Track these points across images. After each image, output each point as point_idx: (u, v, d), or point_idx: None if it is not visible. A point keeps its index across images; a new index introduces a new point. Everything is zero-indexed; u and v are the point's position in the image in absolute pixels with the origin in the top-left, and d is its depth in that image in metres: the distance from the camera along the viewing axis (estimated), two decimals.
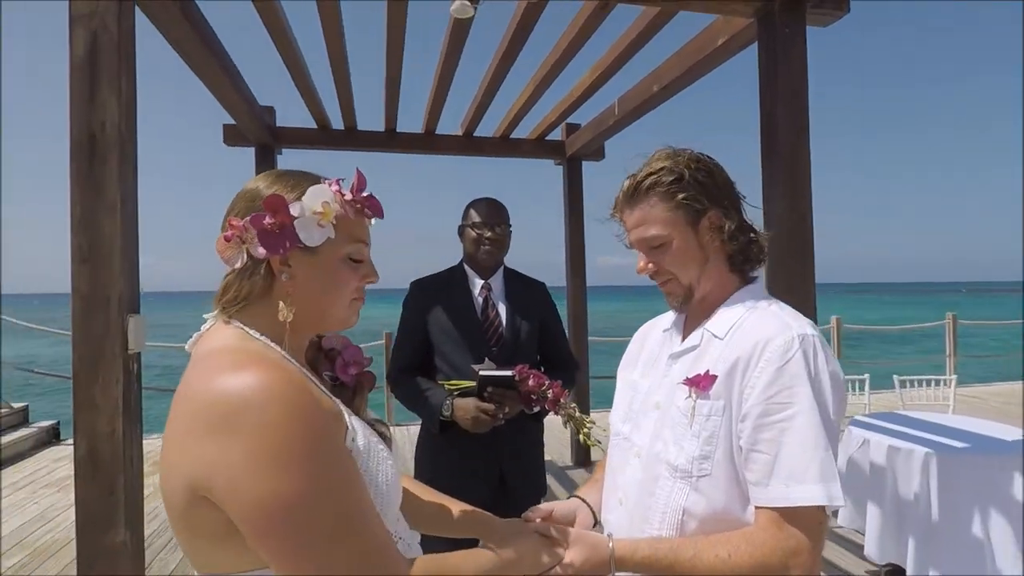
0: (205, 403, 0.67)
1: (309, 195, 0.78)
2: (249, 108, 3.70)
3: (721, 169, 1.00)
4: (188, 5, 2.32)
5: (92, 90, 1.65)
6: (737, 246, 0.98)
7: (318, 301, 0.81)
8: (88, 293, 1.64)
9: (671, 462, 0.92)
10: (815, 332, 0.90)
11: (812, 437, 0.82)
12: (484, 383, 1.61)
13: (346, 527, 0.68)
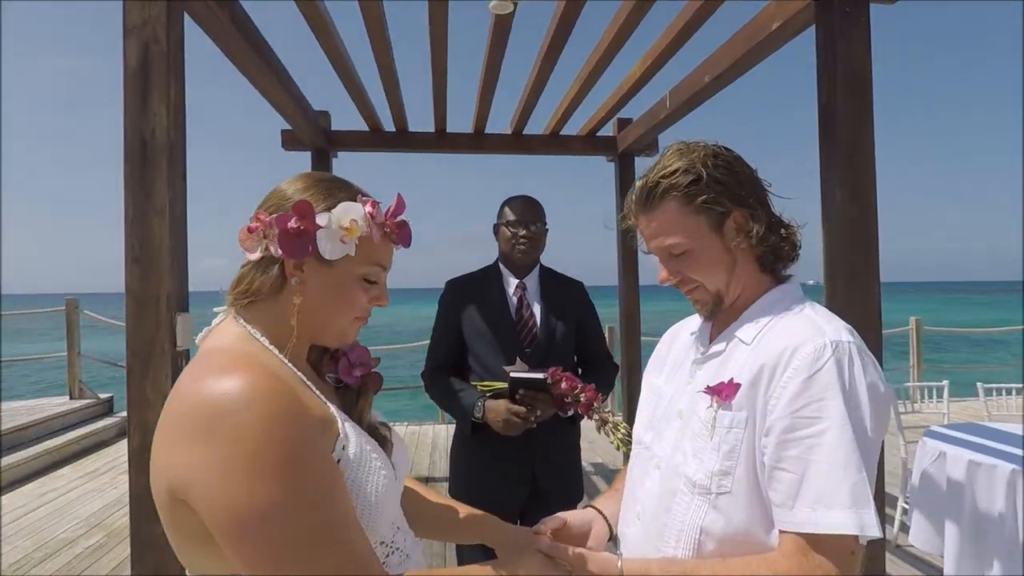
0: (189, 406, 0.68)
1: (339, 209, 0.78)
2: (303, 113, 3.81)
3: (742, 162, 0.91)
4: (237, 14, 2.41)
5: (144, 98, 1.73)
6: (767, 247, 0.90)
7: (321, 313, 0.80)
8: (139, 292, 1.72)
9: (690, 476, 0.85)
10: (852, 339, 0.81)
11: (843, 456, 0.73)
12: (515, 385, 1.58)
13: (323, 539, 0.66)
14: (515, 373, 1.58)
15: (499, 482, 1.72)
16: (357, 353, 0.92)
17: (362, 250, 0.80)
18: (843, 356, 0.78)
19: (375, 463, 0.78)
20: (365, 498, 0.75)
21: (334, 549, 0.66)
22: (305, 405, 0.72)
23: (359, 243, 0.80)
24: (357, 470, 0.75)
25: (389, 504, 0.80)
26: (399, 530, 0.86)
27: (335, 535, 0.67)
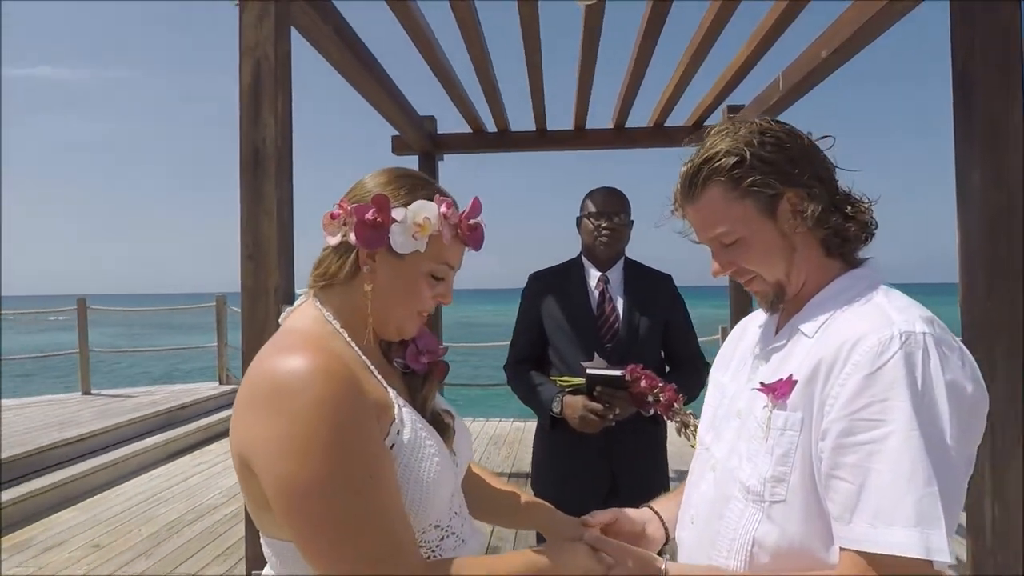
0: (259, 381, 0.73)
1: (415, 206, 0.81)
2: (409, 120, 4.01)
3: (796, 136, 0.81)
4: (342, 29, 2.58)
5: (256, 112, 1.91)
6: (830, 229, 0.80)
7: (386, 302, 0.83)
8: (252, 286, 1.91)
9: (744, 481, 0.78)
10: (930, 329, 0.69)
11: (908, 466, 0.63)
12: (592, 382, 1.55)
13: (361, 523, 0.68)
14: (591, 369, 1.55)
15: (577, 478, 1.69)
16: (425, 340, 0.95)
17: (432, 247, 0.83)
18: (915, 349, 0.68)
19: (429, 449, 0.80)
20: (417, 482, 0.77)
21: (370, 534, 0.69)
22: (362, 390, 0.75)
23: (430, 241, 0.82)
24: (410, 455, 0.77)
25: (443, 489, 0.81)
26: (456, 515, 0.87)
27: (373, 520, 0.69)
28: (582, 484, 1.68)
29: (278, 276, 1.90)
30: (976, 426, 0.69)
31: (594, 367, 1.56)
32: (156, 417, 5.60)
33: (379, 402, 0.77)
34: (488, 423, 6.25)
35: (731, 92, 3.77)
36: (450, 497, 0.85)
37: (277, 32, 1.92)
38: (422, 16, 2.71)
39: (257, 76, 1.91)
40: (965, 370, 0.69)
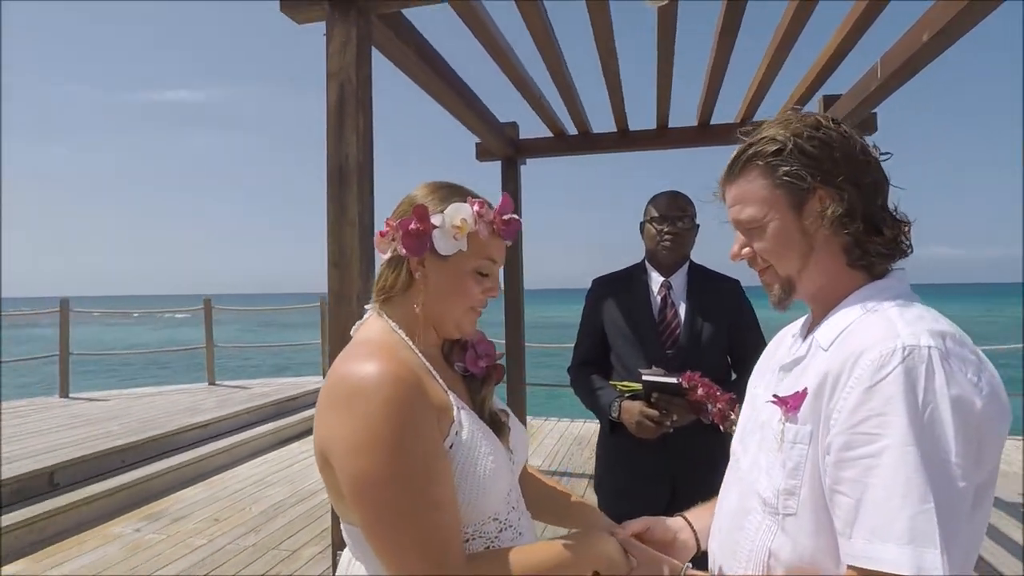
0: (337, 383, 0.82)
1: (450, 210, 0.89)
2: (490, 127, 4.14)
3: (848, 139, 0.79)
4: (423, 48, 2.73)
5: (340, 130, 2.09)
6: (850, 236, 0.78)
7: (440, 303, 0.91)
8: (338, 291, 2.08)
9: (761, 494, 0.78)
10: (937, 343, 0.67)
11: (903, 482, 0.61)
12: (649, 388, 1.55)
13: (413, 514, 0.75)
14: (647, 376, 1.55)
15: (637, 482, 1.70)
16: (484, 346, 1.02)
17: (473, 245, 0.90)
18: (918, 363, 0.65)
19: (484, 448, 0.86)
20: (475, 478, 0.83)
21: (422, 525, 0.76)
22: (426, 394, 0.82)
23: (470, 239, 0.89)
24: (468, 453, 0.84)
25: (498, 484, 0.87)
26: (514, 510, 0.93)
27: (425, 513, 0.76)
28: (642, 488, 1.69)
29: (360, 282, 2.06)
30: (990, 442, 0.65)
31: (650, 374, 1.56)
32: (268, 407, 6.15)
33: (440, 405, 0.85)
34: (573, 424, 6.27)
35: (824, 82, 3.55)
36: (507, 492, 0.91)
37: (359, 57, 2.08)
38: (496, 28, 2.80)
39: (341, 98, 2.08)
40: (978, 386, 0.66)
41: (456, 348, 1.02)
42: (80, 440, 4.52)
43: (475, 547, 0.87)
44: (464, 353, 1.00)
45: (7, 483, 3.62)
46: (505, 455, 0.91)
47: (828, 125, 0.80)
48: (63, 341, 6.80)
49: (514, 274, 4.85)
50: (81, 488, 3.88)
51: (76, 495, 3.76)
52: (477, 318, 0.97)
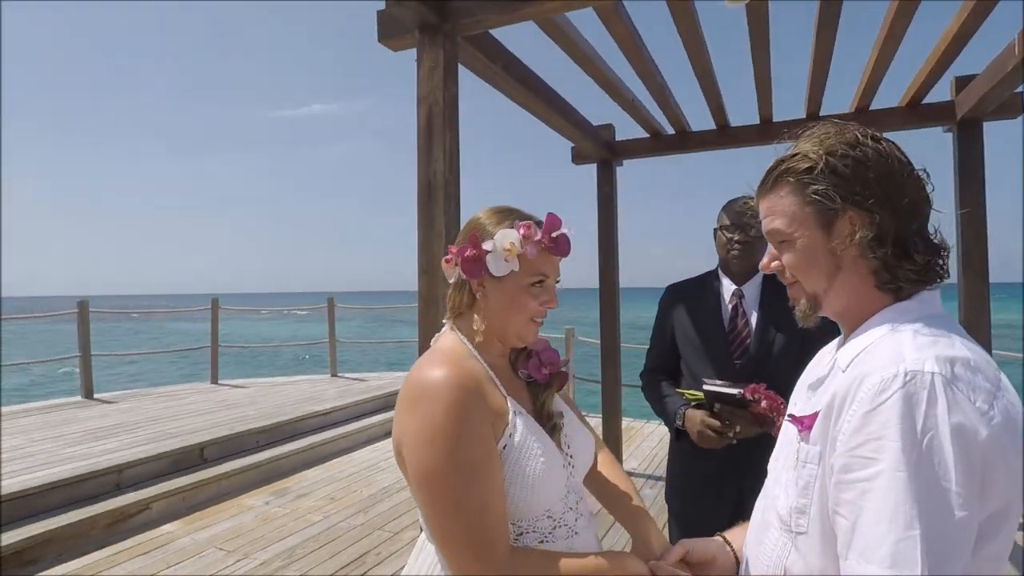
0: (411, 385, 0.93)
1: (499, 236, 0.99)
2: (583, 132, 4.18)
3: (886, 158, 0.77)
4: (510, 63, 2.85)
5: (430, 149, 2.26)
6: (877, 261, 0.76)
7: (500, 317, 1.01)
8: (427, 296, 2.26)
9: (778, 510, 0.79)
10: (942, 369, 0.65)
11: (891, 507, 0.61)
12: (711, 399, 1.54)
13: (464, 507, 0.85)
14: (708, 386, 1.54)
15: (701, 490, 1.68)
16: (548, 355, 1.11)
17: (524, 264, 0.99)
18: (918, 389, 0.64)
19: (535, 450, 0.94)
20: (524, 478, 0.92)
21: (469, 518, 0.86)
22: (484, 399, 0.92)
23: (521, 260, 0.99)
24: (519, 455, 0.93)
25: (549, 484, 0.94)
26: (571, 510, 1.00)
27: (473, 508, 0.86)
28: (707, 497, 1.67)
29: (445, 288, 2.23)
30: (999, 473, 0.63)
31: (713, 383, 1.55)
32: (381, 398, 6.64)
33: (497, 410, 0.94)
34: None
35: (952, 62, 3.20)
36: (563, 494, 0.99)
37: (445, 79, 2.24)
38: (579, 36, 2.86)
39: (429, 119, 2.26)
40: (987, 414, 0.63)
41: (522, 356, 1.11)
42: (224, 421, 5.18)
43: (528, 541, 0.95)
44: (528, 361, 1.09)
45: (168, 455, 4.27)
46: (559, 457, 0.99)
47: (865, 143, 0.79)
48: (213, 334, 7.80)
49: (609, 275, 4.85)
50: (224, 463, 4.47)
51: (220, 469, 4.34)
52: (538, 328, 1.05)
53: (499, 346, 1.05)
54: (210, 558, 3.20)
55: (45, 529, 3.30)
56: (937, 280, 0.79)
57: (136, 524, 3.65)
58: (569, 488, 1.02)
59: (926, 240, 0.78)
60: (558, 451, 1.00)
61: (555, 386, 1.09)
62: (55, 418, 5.44)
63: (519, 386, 1.06)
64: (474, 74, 2.76)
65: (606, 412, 4.83)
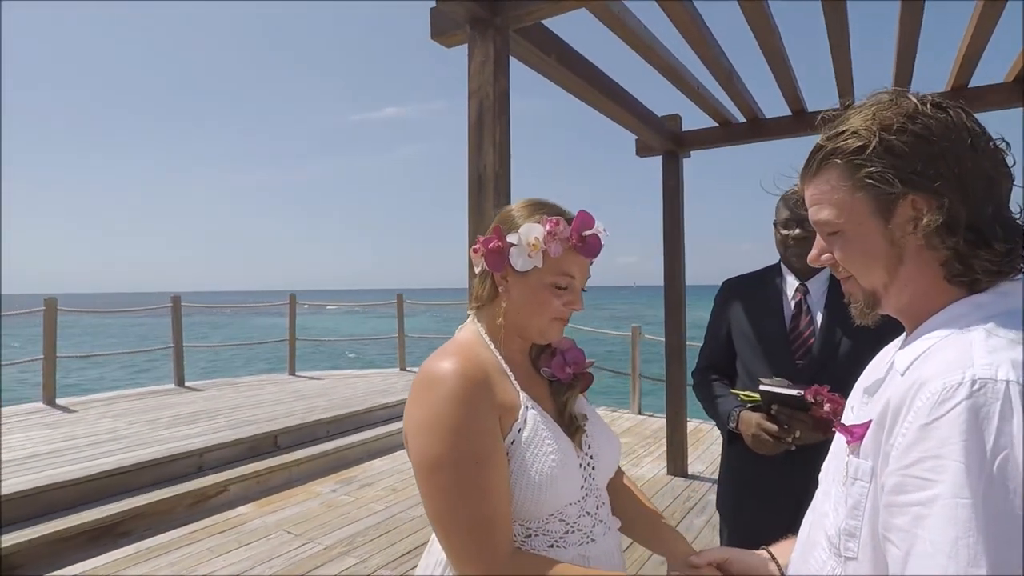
0: (420, 376, 0.92)
1: (523, 230, 0.96)
2: (646, 123, 4.05)
3: (955, 129, 0.66)
4: (564, 54, 2.79)
5: (480, 143, 2.25)
6: (948, 250, 0.66)
7: (522, 313, 0.98)
8: None
9: (826, 529, 0.71)
10: (1019, 376, 0.54)
11: (950, 540, 0.52)
12: (768, 400, 1.43)
13: (462, 496, 0.83)
14: (766, 386, 1.42)
15: (757, 501, 1.56)
16: (573, 354, 1.06)
17: (548, 262, 0.95)
18: (988, 401, 0.54)
19: (546, 447, 0.90)
20: (530, 477, 0.88)
21: (468, 508, 0.83)
22: (491, 392, 0.90)
23: (545, 257, 0.95)
24: (526, 451, 0.89)
25: (559, 485, 0.90)
26: (588, 515, 0.96)
27: (472, 498, 0.83)
28: (761, 507, 1.55)
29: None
30: None
31: (771, 383, 1.43)
32: None
33: (506, 403, 0.91)
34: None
35: None
36: (578, 497, 0.94)
37: (496, 73, 2.22)
38: (638, 23, 2.75)
39: (480, 113, 2.24)
40: None
41: (546, 354, 1.07)
42: (297, 411, 5.44)
43: (537, 543, 0.91)
44: (552, 359, 1.05)
45: (245, 441, 4.52)
46: (574, 458, 0.94)
47: (927, 112, 0.67)
48: (291, 329, 8.21)
49: (674, 271, 4.68)
50: (296, 451, 4.68)
51: (291, 456, 4.55)
52: (563, 327, 1.01)
53: (520, 341, 1.02)
54: (277, 540, 3.36)
55: (136, 505, 3.58)
56: (1019, 271, 0.67)
57: (214, 505, 3.89)
58: (588, 491, 0.97)
59: (1007, 223, 0.67)
60: (575, 452, 0.96)
61: (579, 387, 1.04)
62: (151, 403, 5.91)
63: (539, 383, 1.02)
64: (528, 67, 2.72)
65: (671, 413, 4.66)
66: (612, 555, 0.98)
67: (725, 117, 4.29)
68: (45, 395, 5.90)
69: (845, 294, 0.78)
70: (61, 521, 3.32)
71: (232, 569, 3.01)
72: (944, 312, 0.68)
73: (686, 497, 4.05)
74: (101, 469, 3.75)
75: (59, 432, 4.72)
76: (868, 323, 0.76)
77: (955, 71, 3.41)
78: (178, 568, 3.02)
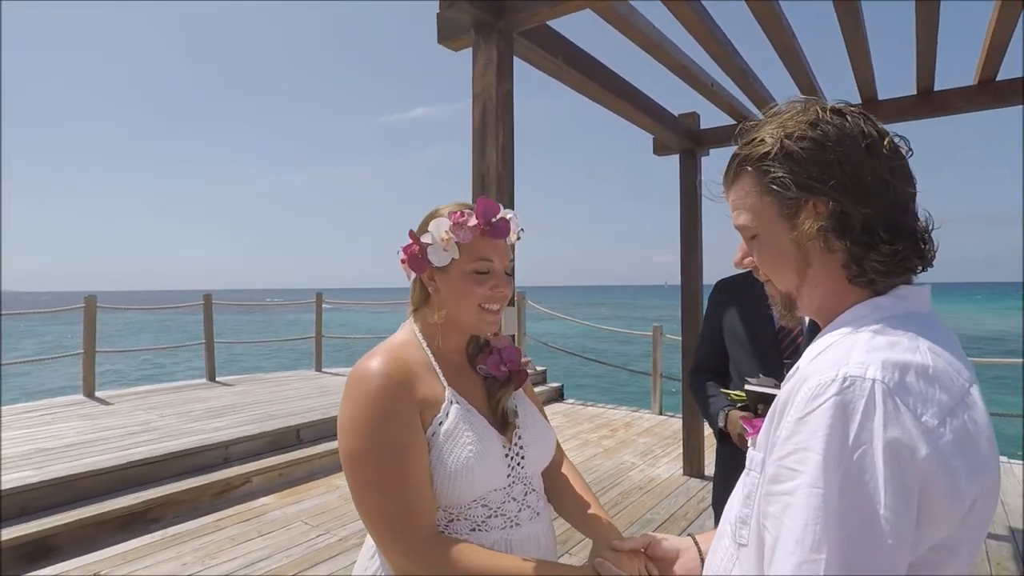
0: (349, 374, 0.99)
1: (432, 227, 1.01)
2: (662, 122, 4.04)
3: (852, 134, 0.68)
4: (571, 55, 2.82)
5: (483, 145, 2.29)
6: (845, 254, 0.68)
7: (452, 308, 1.02)
8: None
9: (729, 518, 0.74)
10: (890, 376, 0.56)
11: (800, 526, 0.55)
12: (755, 399, 1.44)
13: (381, 486, 0.89)
14: (752, 386, 1.43)
15: None
16: (509, 352, 1.10)
17: (465, 251, 1.00)
18: (854, 397, 0.56)
19: (464, 439, 0.95)
20: (445, 466, 0.93)
21: (387, 496, 0.89)
22: (412, 389, 0.95)
23: (460, 247, 0.99)
24: (444, 443, 0.95)
25: (477, 474, 0.94)
26: (513, 500, 1.01)
27: (391, 487, 0.89)
28: None
29: None
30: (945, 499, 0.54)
31: (759, 383, 1.45)
32: None
33: (429, 398, 0.97)
34: None
35: None
36: (502, 484, 0.99)
37: (499, 75, 2.27)
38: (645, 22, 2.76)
39: (483, 115, 2.29)
40: (935, 431, 0.54)
41: (486, 352, 1.10)
42: (320, 406, 5.58)
43: (459, 528, 0.96)
44: (489, 357, 1.09)
45: (268, 435, 4.68)
46: (499, 450, 0.99)
47: (827, 119, 0.70)
48: (318, 326, 8.41)
49: (691, 270, 4.65)
50: (317, 445, 4.81)
51: (313, 450, 4.68)
52: (494, 318, 1.03)
53: (458, 338, 1.06)
54: (296, 530, 3.47)
55: (165, 493, 3.75)
56: (907, 272, 0.69)
57: (238, 495, 4.04)
58: (515, 479, 1.02)
59: (896, 226, 0.68)
60: (501, 443, 1.00)
61: (513, 384, 1.08)
62: (183, 397, 6.14)
63: (473, 379, 1.07)
64: (534, 67, 2.76)
65: (687, 414, 4.64)
66: (538, 539, 1.03)
67: (742, 114, 4.24)
68: (85, 388, 6.19)
69: (769, 296, 0.81)
70: (96, 507, 3.50)
71: (252, 557, 3.13)
72: (847, 313, 0.70)
73: (700, 498, 4.03)
74: (133, 459, 3.93)
75: (96, 423, 4.95)
76: (791, 325, 0.79)
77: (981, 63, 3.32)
78: (202, 554, 3.16)
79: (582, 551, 3.05)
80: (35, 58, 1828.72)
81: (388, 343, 1.04)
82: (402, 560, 0.89)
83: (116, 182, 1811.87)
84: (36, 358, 8.49)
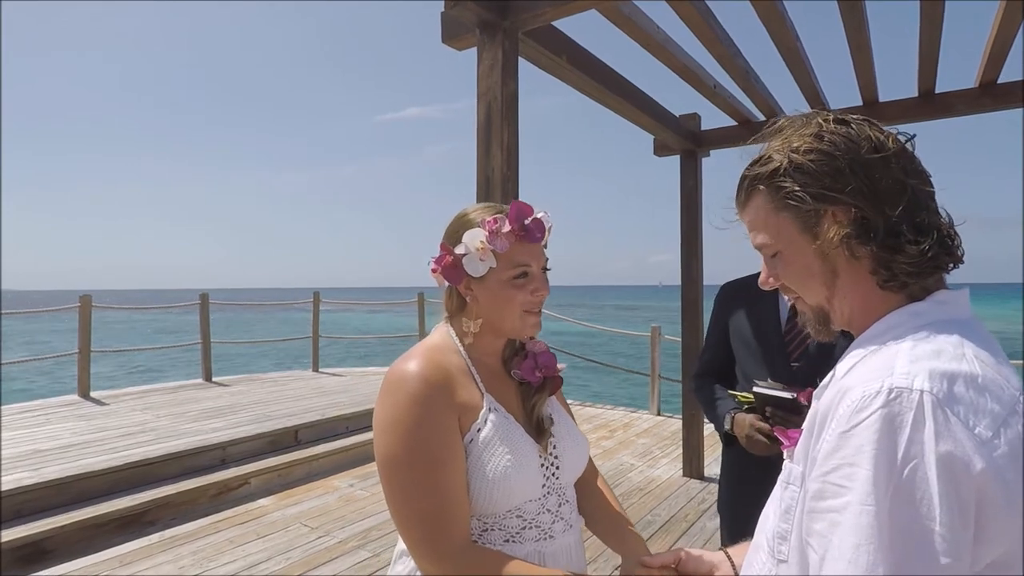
0: (386, 376, 0.97)
1: (467, 237, 0.99)
2: (663, 123, 4.03)
3: (859, 140, 0.68)
4: (576, 56, 2.80)
5: (488, 146, 2.28)
6: (871, 259, 0.67)
7: (492, 315, 1.01)
8: None
9: (766, 532, 0.72)
10: (939, 387, 0.55)
11: (851, 546, 0.53)
12: (762, 402, 1.43)
13: (417, 490, 0.88)
14: (760, 388, 1.43)
15: (754, 502, 1.56)
16: (544, 358, 1.09)
17: (501, 259, 0.98)
18: (901, 410, 0.54)
19: (503, 448, 0.94)
20: (483, 476, 0.92)
21: (422, 501, 0.87)
22: (451, 393, 0.94)
23: (496, 255, 0.98)
24: (483, 451, 0.93)
25: (514, 483, 0.93)
26: (548, 512, 0.99)
27: (426, 492, 0.87)
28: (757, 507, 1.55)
29: None
30: (1002, 513, 0.52)
31: (766, 386, 1.44)
32: None
33: (467, 404, 0.95)
34: None
35: None
36: (537, 495, 0.97)
37: (504, 76, 2.25)
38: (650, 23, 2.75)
39: (488, 116, 2.27)
40: (989, 443, 0.53)
41: (521, 357, 1.09)
42: (318, 407, 5.55)
43: (493, 538, 0.95)
44: (524, 363, 1.07)
45: (267, 436, 4.65)
46: (534, 459, 0.97)
47: (831, 128, 0.70)
48: (315, 326, 8.37)
49: (691, 271, 4.64)
50: (315, 446, 4.79)
51: (311, 451, 4.66)
52: (536, 319, 1.02)
53: (495, 344, 1.05)
54: (295, 532, 3.45)
55: (163, 495, 3.71)
56: (938, 270, 0.68)
57: (236, 496, 4.01)
58: (550, 490, 1.00)
59: (919, 224, 0.67)
60: (537, 453, 0.99)
61: (548, 390, 1.07)
62: (180, 397, 6.09)
63: (508, 385, 1.05)
64: (538, 68, 2.74)
65: (687, 415, 4.63)
66: (570, 552, 1.01)
67: (744, 116, 4.24)
68: (80, 388, 6.14)
69: (799, 313, 0.80)
70: (92, 509, 3.46)
71: (251, 559, 3.10)
72: (882, 321, 0.69)
73: (701, 499, 4.02)
74: (130, 460, 3.90)
75: (92, 424, 4.91)
76: (827, 340, 0.77)
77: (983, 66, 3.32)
78: (200, 557, 3.13)
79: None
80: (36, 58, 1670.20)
81: (424, 345, 1.02)
82: (433, 567, 0.88)
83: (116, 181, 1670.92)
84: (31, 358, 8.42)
